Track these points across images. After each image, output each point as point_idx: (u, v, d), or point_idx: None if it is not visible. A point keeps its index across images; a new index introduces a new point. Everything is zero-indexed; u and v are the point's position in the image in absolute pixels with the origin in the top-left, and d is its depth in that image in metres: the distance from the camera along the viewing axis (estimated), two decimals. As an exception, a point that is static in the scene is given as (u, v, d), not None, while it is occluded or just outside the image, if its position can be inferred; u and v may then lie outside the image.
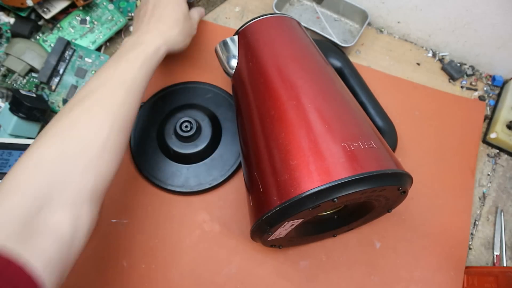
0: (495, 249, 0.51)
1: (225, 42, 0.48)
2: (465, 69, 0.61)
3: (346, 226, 0.47)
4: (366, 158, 0.35)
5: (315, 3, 0.65)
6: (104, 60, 0.57)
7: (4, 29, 0.58)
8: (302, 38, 0.47)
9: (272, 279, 0.48)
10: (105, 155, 0.36)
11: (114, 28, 0.60)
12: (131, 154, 0.53)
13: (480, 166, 0.56)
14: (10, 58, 0.55)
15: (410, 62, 0.62)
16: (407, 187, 0.38)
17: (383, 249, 0.50)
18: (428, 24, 0.60)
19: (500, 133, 0.55)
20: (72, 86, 0.57)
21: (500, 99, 0.58)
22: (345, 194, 0.34)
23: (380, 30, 0.64)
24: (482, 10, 0.54)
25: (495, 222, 0.52)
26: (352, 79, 0.53)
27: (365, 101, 0.52)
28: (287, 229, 0.40)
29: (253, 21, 0.47)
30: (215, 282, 0.48)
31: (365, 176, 0.34)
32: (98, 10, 0.60)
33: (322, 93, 0.41)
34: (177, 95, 0.56)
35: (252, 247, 0.49)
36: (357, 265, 0.49)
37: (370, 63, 0.61)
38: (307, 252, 0.49)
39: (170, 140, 0.52)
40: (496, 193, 0.54)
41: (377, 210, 0.44)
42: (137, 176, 0.52)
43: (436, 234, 0.50)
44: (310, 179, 0.34)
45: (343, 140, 0.36)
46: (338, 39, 0.60)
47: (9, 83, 0.56)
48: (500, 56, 0.58)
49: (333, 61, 0.54)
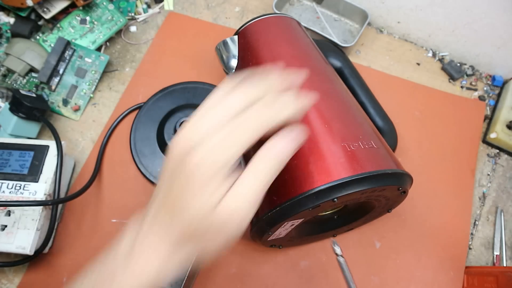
0: (495, 249, 0.51)
1: (225, 42, 0.48)
2: (465, 69, 0.61)
3: (346, 226, 0.47)
4: (366, 158, 0.35)
5: (315, 3, 0.65)
6: (104, 61, 0.57)
7: (4, 29, 0.58)
8: (302, 38, 0.47)
9: (272, 279, 0.48)
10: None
11: (114, 28, 0.60)
12: (131, 154, 0.53)
13: (480, 166, 0.56)
14: (10, 58, 0.55)
15: (410, 62, 0.62)
16: (407, 187, 0.38)
17: (383, 249, 0.50)
18: (428, 24, 0.60)
19: (500, 133, 0.55)
20: (72, 86, 0.57)
21: (500, 99, 0.58)
22: (345, 194, 0.34)
23: (380, 30, 0.64)
24: (482, 10, 0.54)
25: (495, 222, 0.52)
26: (352, 79, 0.53)
27: (365, 101, 0.52)
28: (287, 229, 0.40)
29: (253, 21, 0.47)
30: (215, 282, 0.48)
31: (365, 176, 0.34)
32: (98, 10, 0.60)
33: (322, 93, 0.41)
34: (177, 95, 0.56)
35: (252, 247, 0.49)
36: (357, 265, 0.49)
37: (370, 63, 0.61)
38: (307, 252, 0.49)
39: (170, 140, 0.52)
40: (496, 193, 0.54)
41: (377, 210, 0.44)
42: (137, 176, 0.52)
43: (436, 234, 0.50)
44: (310, 179, 0.34)
45: (343, 140, 0.36)
46: (338, 39, 0.60)
47: (9, 83, 0.56)
48: (500, 56, 0.58)
49: (333, 61, 0.54)
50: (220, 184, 0.26)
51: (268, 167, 0.27)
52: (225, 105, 0.28)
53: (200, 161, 0.26)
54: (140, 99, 0.57)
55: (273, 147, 0.28)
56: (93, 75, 0.57)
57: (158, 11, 0.64)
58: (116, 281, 0.27)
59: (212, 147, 0.26)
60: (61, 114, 0.56)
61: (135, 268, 0.27)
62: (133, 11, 0.63)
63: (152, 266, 0.27)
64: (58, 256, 0.49)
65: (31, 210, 0.45)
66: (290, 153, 0.28)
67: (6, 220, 0.45)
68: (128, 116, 0.56)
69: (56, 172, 0.47)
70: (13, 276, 0.48)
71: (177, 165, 0.27)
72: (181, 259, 0.28)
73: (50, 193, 0.46)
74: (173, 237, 0.27)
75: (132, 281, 0.27)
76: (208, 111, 0.28)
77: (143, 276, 0.27)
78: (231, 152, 0.26)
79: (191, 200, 0.26)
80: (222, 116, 0.27)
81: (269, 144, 0.28)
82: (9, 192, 0.46)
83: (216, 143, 0.26)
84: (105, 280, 0.27)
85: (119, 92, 0.58)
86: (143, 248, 0.27)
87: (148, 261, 0.27)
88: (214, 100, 0.28)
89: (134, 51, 0.61)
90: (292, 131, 0.28)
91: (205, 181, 0.26)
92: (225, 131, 0.26)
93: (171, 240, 0.27)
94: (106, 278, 0.27)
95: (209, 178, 0.26)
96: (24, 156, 0.48)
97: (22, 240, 0.44)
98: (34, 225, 0.45)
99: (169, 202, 0.28)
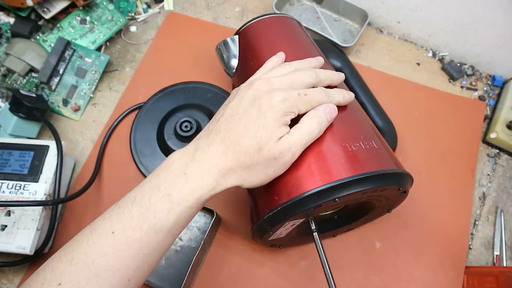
0: (495, 249, 0.51)
1: (226, 42, 0.48)
2: (465, 69, 0.61)
3: (346, 226, 0.47)
4: (367, 158, 0.35)
5: (315, 3, 0.65)
6: (104, 61, 0.57)
7: (4, 29, 0.58)
8: (302, 38, 0.47)
9: (272, 279, 0.48)
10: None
11: (114, 28, 0.60)
12: (131, 154, 0.53)
13: (480, 166, 0.56)
14: (10, 58, 0.55)
15: (410, 62, 0.62)
16: (407, 187, 0.38)
17: (383, 249, 0.50)
18: (428, 24, 0.60)
19: (500, 133, 0.55)
20: (72, 86, 0.57)
21: (500, 99, 0.59)
22: (346, 194, 0.34)
23: (380, 30, 0.64)
24: (482, 10, 0.54)
25: (495, 222, 0.52)
26: (352, 79, 0.53)
27: (365, 101, 0.52)
28: (288, 229, 0.40)
29: (253, 21, 0.47)
30: (215, 282, 0.48)
31: (366, 176, 0.34)
32: (98, 10, 0.60)
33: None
34: (177, 95, 0.56)
35: (252, 247, 0.49)
36: (357, 265, 0.49)
37: (370, 63, 0.61)
38: (307, 252, 0.49)
39: (170, 140, 0.52)
40: (496, 193, 0.54)
41: (378, 210, 0.44)
42: (137, 176, 0.52)
43: (436, 234, 0.50)
44: (312, 179, 0.34)
45: (344, 140, 0.36)
46: (338, 39, 0.60)
47: (9, 83, 0.56)
48: (500, 56, 0.58)
49: (333, 61, 0.54)
50: (285, 125, 0.34)
51: (317, 122, 0.34)
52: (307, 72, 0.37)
53: (281, 101, 0.33)
54: (140, 99, 0.57)
55: (320, 109, 0.35)
56: (93, 75, 0.57)
57: (158, 11, 0.64)
58: (178, 190, 0.31)
59: (294, 95, 0.34)
60: (61, 114, 0.56)
61: (193, 184, 0.32)
62: (133, 11, 0.63)
63: (206, 185, 0.32)
64: (58, 256, 0.49)
65: (31, 210, 0.45)
66: (330, 119, 0.35)
67: (6, 220, 0.45)
68: (128, 116, 0.56)
69: (56, 172, 0.46)
70: (13, 276, 0.48)
71: (259, 96, 0.34)
72: (232, 182, 0.33)
73: (50, 193, 0.46)
74: (231, 161, 0.32)
75: (191, 193, 0.31)
76: (275, 70, 0.38)
77: (199, 191, 0.32)
78: (302, 106, 0.34)
79: (263, 129, 0.32)
80: (307, 78, 0.36)
81: (320, 107, 0.35)
82: (9, 192, 0.46)
83: (297, 95, 0.34)
84: (162, 189, 0.31)
85: (119, 92, 0.58)
86: (198, 170, 0.32)
87: (203, 181, 0.32)
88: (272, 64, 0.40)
89: (134, 51, 0.61)
90: (330, 104, 0.36)
91: (278, 118, 0.33)
92: (305, 93, 0.35)
93: (228, 164, 0.32)
94: (164, 187, 0.32)
95: (282, 117, 0.33)
96: (24, 156, 0.48)
97: (22, 240, 0.44)
98: (34, 225, 0.45)
99: (237, 128, 0.33)
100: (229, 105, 0.35)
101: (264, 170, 0.34)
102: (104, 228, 0.31)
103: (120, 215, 0.31)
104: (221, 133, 0.33)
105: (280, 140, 0.33)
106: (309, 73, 0.37)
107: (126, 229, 0.30)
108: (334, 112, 0.36)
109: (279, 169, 0.34)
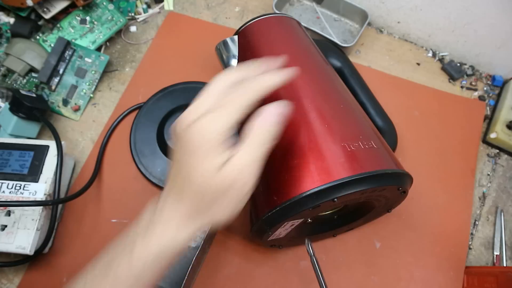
0: (495, 249, 0.51)
1: (225, 42, 0.48)
2: (465, 69, 0.61)
3: (346, 226, 0.47)
4: (366, 158, 0.35)
5: (315, 3, 0.65)
6: (104, 61, 0.57)
7: (4, 29, 0.58)
8: (302, 38, 0.47)
9: (272, 279, 0.48)
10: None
11: (114, 28, 0.60)
12: (131, 154, 0.53)
13: (480, 166, 0.56)
14: (10, 58, 0.55)
15: (410, 62, 0.62)
16: (407, 187, 0.38)
17: (383, 249, 0.50)
18: (428, 24, 0.60)
19: (500, 133, 0.55)
20: (72, 86, 0.57)
21: (500, 99, 0.58)
22: (345, 194, 0.34)
23: (380, 30, 0.64)
24: (482, 10, 0.54)
25: (495, 222, 0.52)
26: (352, 79, 0.53)
27: (365, 101, 0.52)
28: (287, 229, 0.40)
29: (253, 21, 0.47)
30: (215, 282, 0.48)
31: (365, 176, 0.34)
32: (98, 10, 0.60)
33: (322, 93, 0.41)
34: (177, 95, 0.56)
35: (252, 247, 0.49)
36: (357, 265, 0.49)
37: (370, 63, 0.61)
38: (307, 252, 0.49)
39: (170, 140, 0.52)
40: (496, 193, 0.54)
41: (377, 210, 0.44)
42: (137, 176, 0.52)
43: (436, 234, 0.50)
44: (310, 179, 0.34)
45: (343, 140, 0.36)
46: (338, 39, 0.60)
47: (9, 83, 0.56)
48: (500, 56, 0.58)
49: (333, 61, 0.54)
50: (222, 151, 0.29)
51: (263, 133, 0.30)
52: (216, 85, 0.32)
53: (200, 129, 0.29)
54: (140, 99, 0.57)
55: (265, 116, 0.30)
56: (93, 75, 0.57)
57: (158, 11, 0.64)
58: (136, 247, 0.30)
59: (210, 117, 0.29)
60: (61, 114, 0.56)
61: (152, 237, 0.30)
62: (133, 11, 0.63)
63: (167, 236, 0.30)
64: (58, 256, 0.49)
65: (31, 210, 0.45)
66: (280, 120, 0.31)
67: (6, 220, 0.45)
68: (128, 116, 0.56)
69: (56, 172, 0.47)
70: (13, 276, 0.48)
71: (182, 139, 0.30)
72: (194, 228, 0.31)
73: (50, 193, 0.46)
74: (184, 209, 0.30)
75: (150, 248, 0.30)
76: (203, 96, 0.32)
77: (160, 243, 0.30)
78: (227, 120, 0.29)
79: (196, 167, 0.29)
80: (216, 95, 0.31)
81: (261, 113, 0.31)
82: (9, 192, 0.46)
83: (213, 114, 0.29)
84: (126, 247, 0.31)
85: (119, 92, 0.58)
86: (160, 220, 0.31)
87: (164, 231, 0.30)
88: (207, 89, 0.32)
89: (134, 51, 0.61)
90: (280, 103, 0.31)
91: (208, 148, 0.29)
92: (221, 104, 0.30)
93: (183, 212, 0.30)
94: (127, 245, 0.31)
95: (211, 146, 0.29)
96: (24, 156, 0.48)
97: (22, 240, 0.44)
98: (34, 225, 0.45)
99: (179, 177, 0.31)
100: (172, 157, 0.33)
101: (225, 203, 0.30)
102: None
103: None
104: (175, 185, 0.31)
105: (223, 168, 0.29)
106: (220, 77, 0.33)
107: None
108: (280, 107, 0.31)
109: (241, 194, 0.30)
